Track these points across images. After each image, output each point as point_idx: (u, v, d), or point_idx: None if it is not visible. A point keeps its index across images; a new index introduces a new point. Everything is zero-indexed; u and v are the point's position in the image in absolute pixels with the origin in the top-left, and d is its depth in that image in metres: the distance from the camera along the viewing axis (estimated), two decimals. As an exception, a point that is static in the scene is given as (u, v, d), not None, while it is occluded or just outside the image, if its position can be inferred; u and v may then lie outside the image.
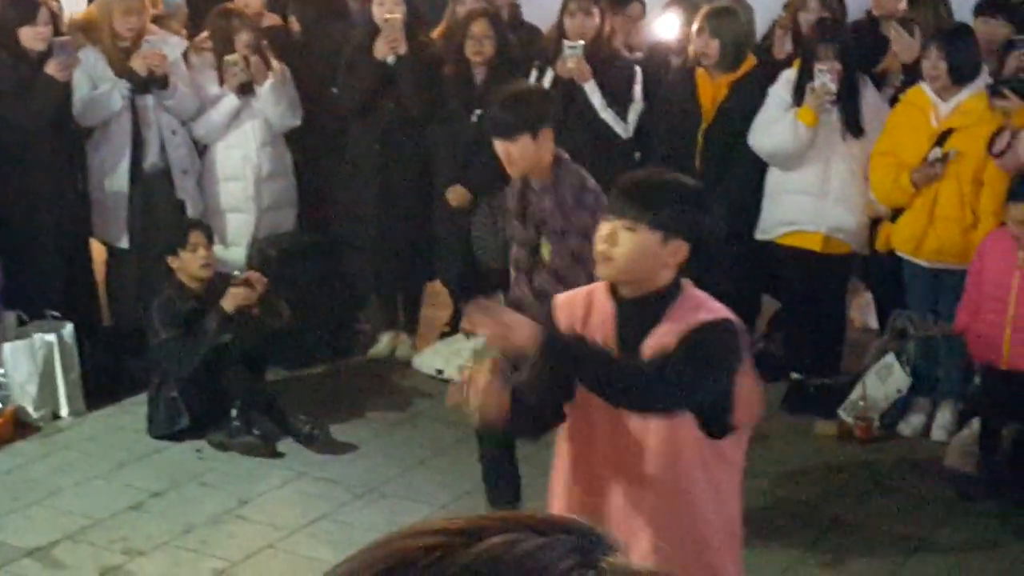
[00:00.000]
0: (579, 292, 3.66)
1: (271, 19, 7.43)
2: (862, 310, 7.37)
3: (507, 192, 5.15)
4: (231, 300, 6.02)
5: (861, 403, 6.35)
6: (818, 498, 5.76)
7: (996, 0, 6.85)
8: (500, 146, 4.81)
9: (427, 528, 1.25)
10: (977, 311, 5.74)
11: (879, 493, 5.84)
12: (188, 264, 6.14)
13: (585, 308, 3.57)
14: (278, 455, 6.07)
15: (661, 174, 3.72)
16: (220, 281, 6.16)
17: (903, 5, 6.72)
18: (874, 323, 7.20)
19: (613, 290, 3.51)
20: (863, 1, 7.08)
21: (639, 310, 3.47)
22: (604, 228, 3.45)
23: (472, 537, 1.23)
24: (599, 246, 3.45)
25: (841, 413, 6.41)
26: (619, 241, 3.39)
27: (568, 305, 3.62)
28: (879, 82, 6.52)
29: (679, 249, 3.41)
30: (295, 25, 7.47)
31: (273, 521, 5.51)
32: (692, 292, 3.50)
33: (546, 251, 4.89)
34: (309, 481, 5.85)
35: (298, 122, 7.14)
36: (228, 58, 6.82)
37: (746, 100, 6.44)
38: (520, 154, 4.78)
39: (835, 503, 5.72)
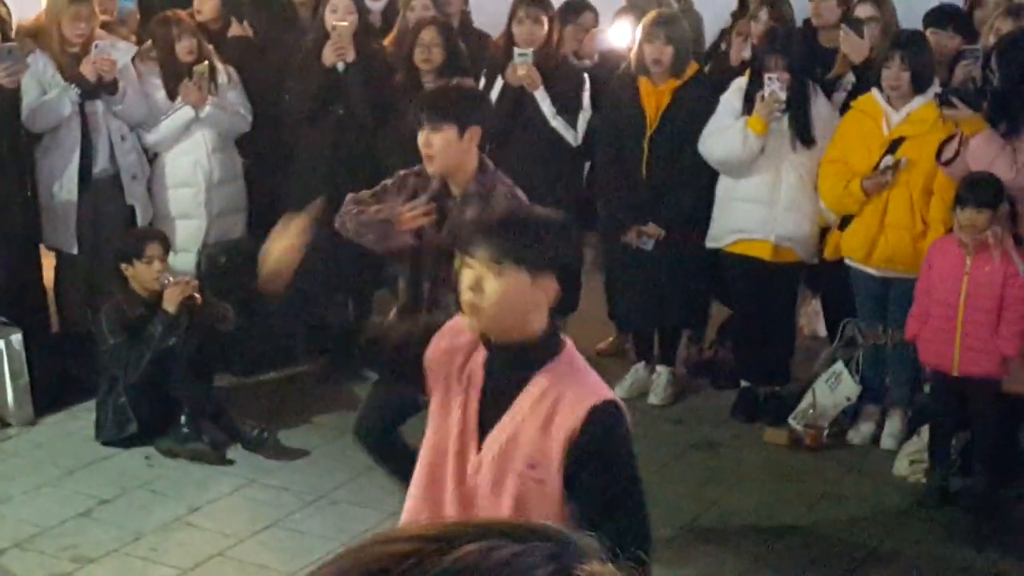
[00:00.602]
0: (467, 334, 3.33)
1: (236, 29, 7.39)
2: (810, 318, 7.42)
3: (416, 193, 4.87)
4: (170, 299, 6.00)
5: (811, 411, 6.39)
6: (768, 506, 5.77)
7: (946, 11, 6.92)
8: (422, 136, 4.67)
9: (401, 535, 1.24)
10: (927, 318, 5.78)
11: (829, 501, 5.86)
12: (142, 274, 6.13)
13: (465, 355, 3.33)
14: (228, 462, 6.05)
15: (520, 211, 3.65)
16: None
17: (839, 15, 6.75)
18: (823, 331, 7.24)
19: (485, 340, 3.28)
20: (801, 9, 7.11)
21: (511, 360, 3.24)
22: (467, 275, 3.18)
23: (447, 544, 1.21)
24: (464, 295, 3.18)
25: (791, 421, 6.45)
26: (486, 287, 3.15)
27: (454, 333, 3.37)
28: (829, 88, 6.55)
29: (549, 287, 3.20)
30: (248, 31, 7.43)
31: (223, 529, 5.48)
32: (571, 355, 3.27)
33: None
34: (259, 488, 5.82)
35: (247, 128, 7.11)
36: (197, 68, 6.77)
37: (690, 106, 6.46)
38: (442, 146, 4.64)
39: (785, 511, 5.74)
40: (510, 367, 3.24)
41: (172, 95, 6.86)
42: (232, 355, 6.43)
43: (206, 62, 6.80)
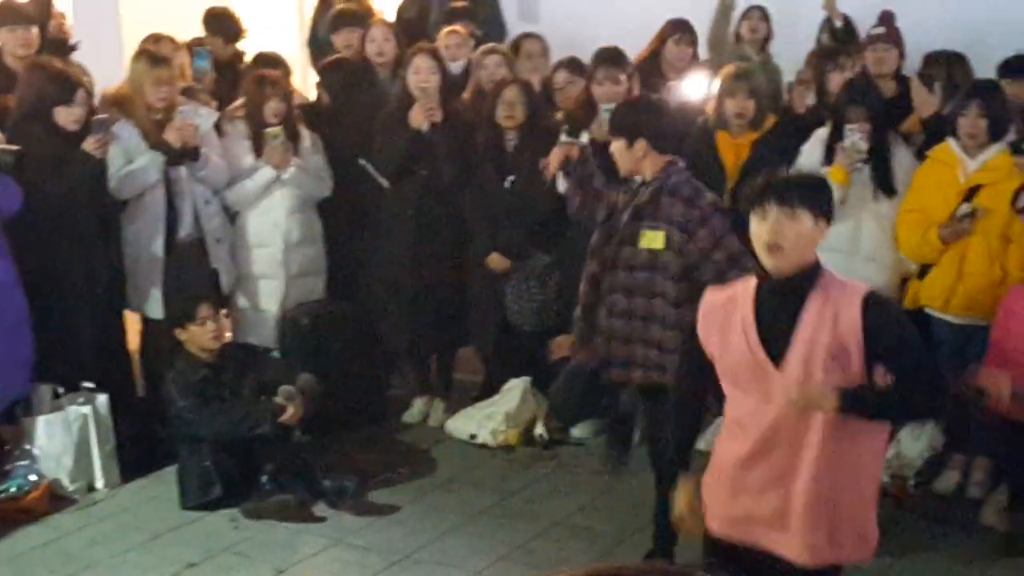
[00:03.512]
0: (719, 297, 4.02)
1: (300, 96, 7.52)
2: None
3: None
4: (286, 416, 6.16)
5: (896, 461, 6.33)
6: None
7: (1023, 62, 6.87)
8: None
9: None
10: (1004, 367, 5.69)
11: (915, 552, 5.77)
12: (197, 337, 6.27)
13: (725, 307, 3.95)
14: (316, 519, 6.09)
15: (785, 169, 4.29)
16: (245, 354, 6.33)
17: (896, 66, 6.77)
18: None
19: (763, 277, 3.88)
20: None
21: (788, 288, 3.82)
22: (763, 225, 3.78)
23: None
24: (765, 237, 3.77)
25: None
26: (786, 231, 3.75)
27: (710, 312, 4.00)
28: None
29: (824, 225, 3.84)
30: (324, 98, 7.55)
31: (308, 590, 5.52)
32: (825, 270, 3.88)
33: (654, 240, 5.17)
34: (344, 548, 5.85)
35: (328, 193, 7.22)
36: (269, 131, 6.91)
37: (770, 157, 6.46)
38: (619, 153, 5.27)
39: (877, 560, 5.66)
40: (785, 294, 3.83)
41: (259, 155, 6.99)
42: (316, 414, 6.47)
43: (280, 127, 6.92)
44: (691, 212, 5.14)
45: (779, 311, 3.84)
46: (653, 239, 5.18)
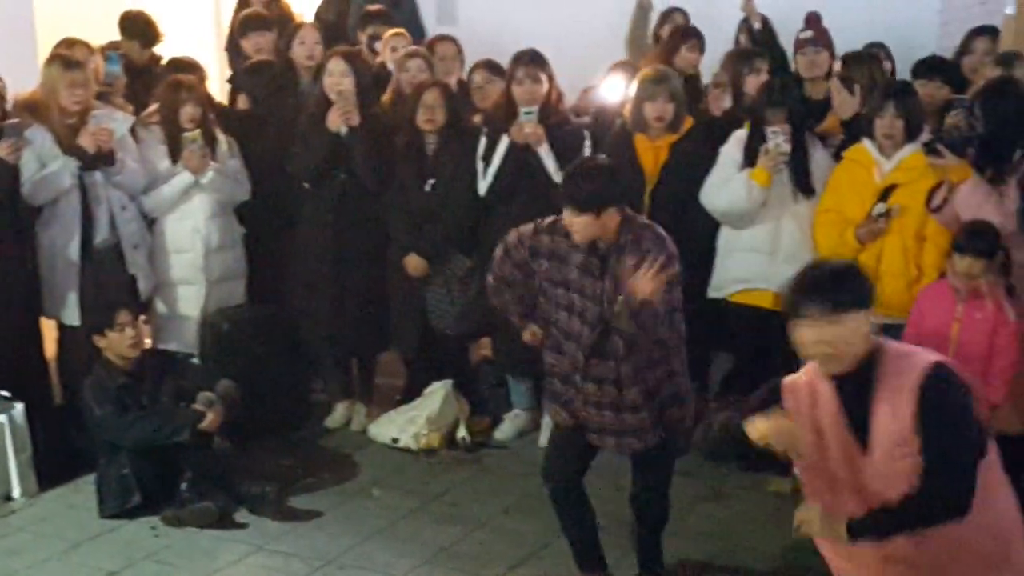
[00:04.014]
0: (800, 380, 3.97)
1: (242, 102, 7.49)
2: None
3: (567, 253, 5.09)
4: (206, 423, 6.12)
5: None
6: (778, 555, 5.74)
7: (935, 62, 6.97)
8: (565, 215, 4.94)
9: None
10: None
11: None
12: (115, 344, 6.23)
13: (810, 397, 3.93)
14: (236, 526, 6.06)
15: (823, 264, 4.08)
16: (164, 360, 6.32)
17: (827, 66, 6.83)
18: None
19: (829, 375, 3.87)
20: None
21: (855, 384, 3.81)
22: (808, 332, 3.75)
23: None
24: (817, 348, 3.75)
25: (796, 470, 6.43)
26: (832, 337, 3.72)
27: (793, 391, 3.98)
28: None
29: (868, 317, 3.79)
30: (241, 102, 7.50)
31: (230, 598, 5.49)
32: (887, 347, 3.83)
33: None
34: (266, 554, 5.81)
35: (246, 196, 7.18)
36: (187, 135, 6.85)
37: (689, 160, 6.52)
38: (582, 227, 4.90)
39: (794, 559, 5.71)
40: (856, 391, 3.81)
41: (176, 159, 6.92)
42: (236, 420, 6.42)
43: (197, 131, 6.87)
44: (671, 269, 4.89)
45: (852, 402, 3.85)
46: None
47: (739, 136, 6.50)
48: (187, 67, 7.46)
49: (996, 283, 5.59)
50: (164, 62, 7.91)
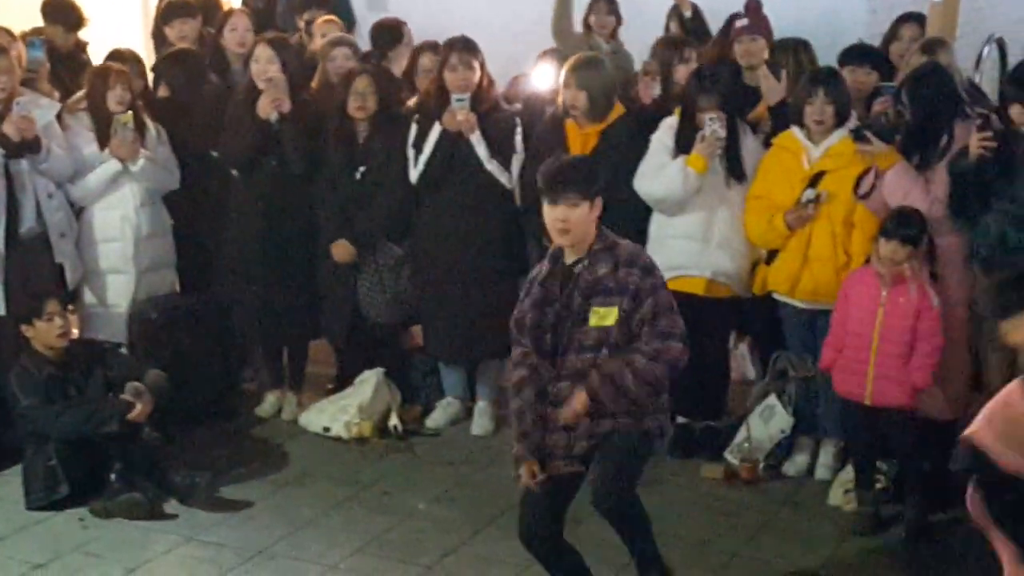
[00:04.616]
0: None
1: (163, 91, 7.41)
2: (739, 362, 7.35)
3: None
4: (134, 414, 6.04)
5: (746, 445, 6.44)
6: (707, 541, 5.79)
7: (862, 49, 7.02)
8: (557, 211, 4.72)
9: None
10: (842, 348, 5.87)
11: (766, 533, 5.88)
12: (43, 334, 6.16)
13: None
14: (166, 516, 6.00)
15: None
16: (92, 350, 6.26)
17: (766, 54, 6.85)
18: (751, 374, 7.24)
19: None
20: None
21: None
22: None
23: None
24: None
25: (727, 456, 6.48)
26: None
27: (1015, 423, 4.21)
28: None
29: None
30: (163, 90, 7.43)
31: (159, 589, 5.44)
32: None
33: (604, 316, 4.67)
34: (197, 545, 5.77)
35: (176, 185, 7.11)
36: (119, 117, 6.77)
37: (617, 147, 6.51)
38: (577, 220, 4.70)
39: (724, 545, 5.76)
40: None
41: (104, 146, 6.84)
42: (166, 410, 6.37)
43: (129, 113, 6.80)
44: (646, 281, 4.68)
45: None
46: (606, 316, 4.67)
47: (670, 124, 6.51)
48: (124, 59, 7.35)
49: (920, 269, 5.66)
50: (91, 48, 7.82)
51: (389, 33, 7.91)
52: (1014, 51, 8.50)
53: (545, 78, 7.33)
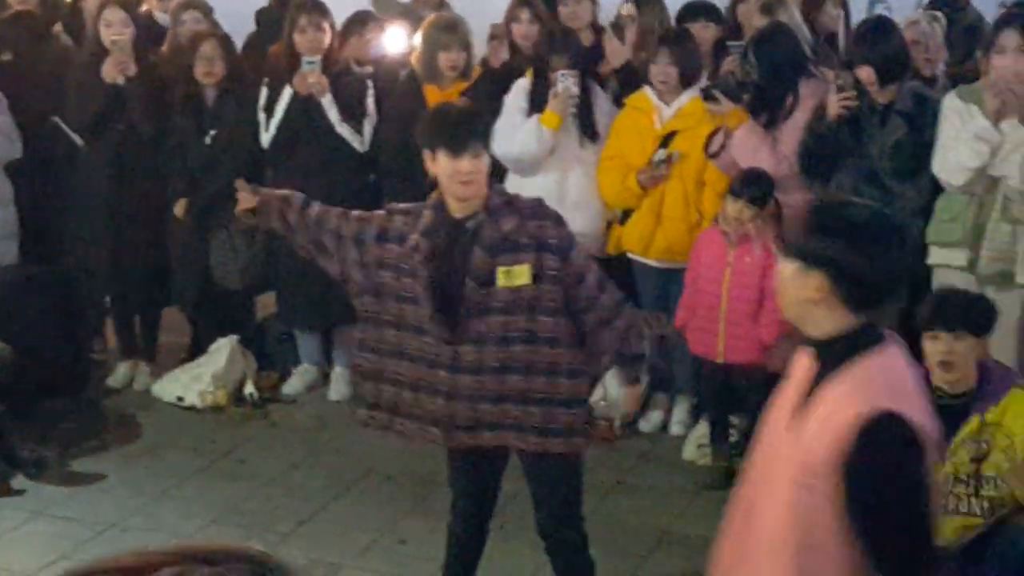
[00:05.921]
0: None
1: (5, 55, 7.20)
2: None
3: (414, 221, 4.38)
4: None
5: (602, 403, 6.48)
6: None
7: (698, 5, 7.07)
8: (464, 163, 4.18)
9: (96, 567, 1.22)
10: (695, 308, 5.95)
11: (622, 490, 5.95)
12: None
13: None
14: (14, 492, 5.87)
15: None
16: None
17: (589, 16, 6.88)
18: None
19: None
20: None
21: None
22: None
23: (142, 574, 1.22)
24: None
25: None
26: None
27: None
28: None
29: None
30: (6, 55, 7.22)
31: (9, 565, 5.29)
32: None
33: (515, 275, 4.24)
34: (47, 520, 5.66)
35: (18, 154, 6.92)
36: None
37: (479, 107, 6.49)
38: (484, 170, 4.27)
39: (583, 499, 5.78)
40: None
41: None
42: (13, 384, 6.22)
43: None
44: (563, 231, 4.29)
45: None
46: (517, 275, 4.21)
47: (522, 85, 6.51)
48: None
49: (765, 228, 5.75)
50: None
51: None
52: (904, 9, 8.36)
53: (397, 40, 7.26)
